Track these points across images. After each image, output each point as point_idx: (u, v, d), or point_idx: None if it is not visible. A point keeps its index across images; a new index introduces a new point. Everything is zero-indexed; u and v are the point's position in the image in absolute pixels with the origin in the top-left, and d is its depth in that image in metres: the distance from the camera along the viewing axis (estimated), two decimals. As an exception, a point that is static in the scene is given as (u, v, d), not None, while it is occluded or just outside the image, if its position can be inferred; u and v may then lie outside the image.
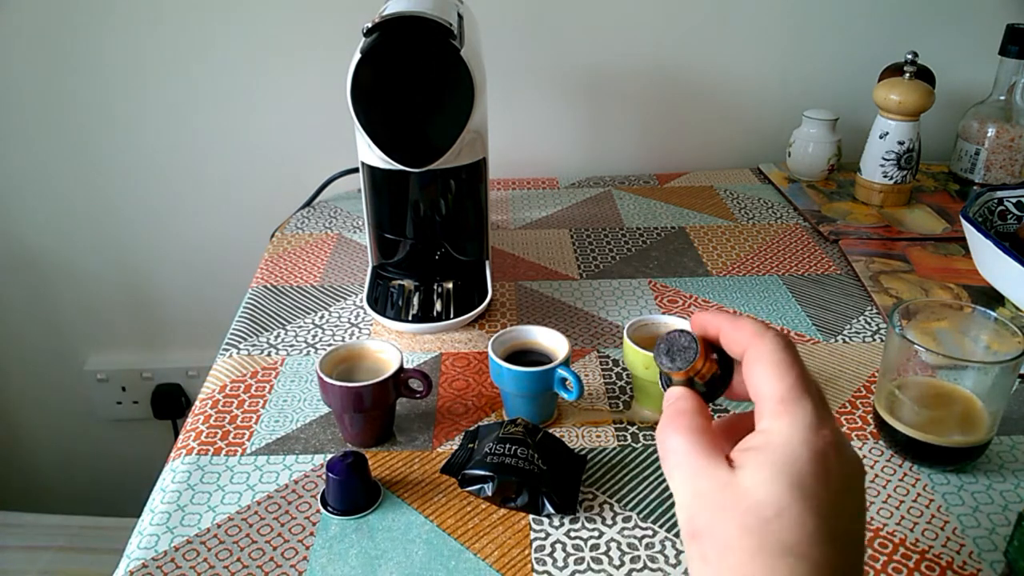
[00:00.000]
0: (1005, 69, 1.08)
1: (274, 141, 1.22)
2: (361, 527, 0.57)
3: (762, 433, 0.35)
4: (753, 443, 0.35)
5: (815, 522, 0.33)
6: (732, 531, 0.34)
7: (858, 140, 1.10)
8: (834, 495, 0.33)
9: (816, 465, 0.33)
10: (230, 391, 0.71)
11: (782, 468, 0.34)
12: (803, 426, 0.34)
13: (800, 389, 0.35)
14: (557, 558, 0.54)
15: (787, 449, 0.34)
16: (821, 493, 0.33)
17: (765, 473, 0.34)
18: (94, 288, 1.32)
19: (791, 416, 0.35)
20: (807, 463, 0.33)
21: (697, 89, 1.22)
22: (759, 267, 0.93)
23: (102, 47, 1.15)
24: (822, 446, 0.34)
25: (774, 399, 0.36)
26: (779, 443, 0.34)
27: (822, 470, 0.34)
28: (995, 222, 0.90)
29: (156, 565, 0.54)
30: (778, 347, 0.37)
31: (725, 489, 0.34)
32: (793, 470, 0.33)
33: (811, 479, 0.33)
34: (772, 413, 0.35)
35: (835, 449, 0.34)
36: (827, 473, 0.34)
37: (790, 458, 0.34)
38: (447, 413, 0.68)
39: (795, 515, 0.33)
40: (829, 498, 0.33)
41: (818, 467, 0.33)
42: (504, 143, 1.14)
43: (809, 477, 0.33)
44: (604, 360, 0.75)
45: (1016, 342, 0.58)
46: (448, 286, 0.81)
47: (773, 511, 0.33)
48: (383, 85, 0.66)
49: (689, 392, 0.40)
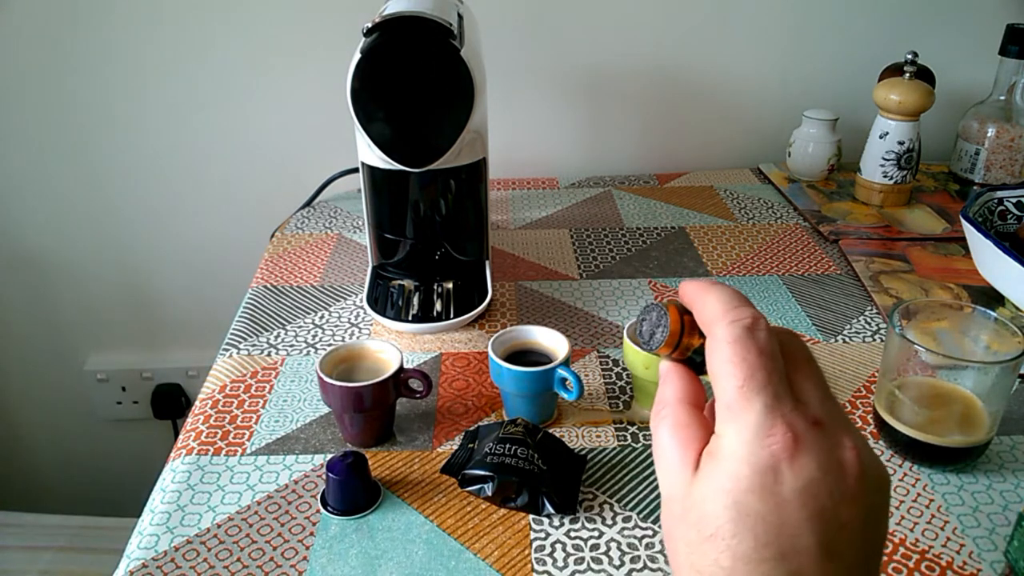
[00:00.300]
0: (1005, 69, 1.08)
1: (274, 141, 1.22)
2: (361, 527, 0.57)
3: (716, 438, 0.33)
4: (711, 447, 0.33)
5: (750, 544, 0.30)
6: (680, 545, 0.33)
7: (858, 140, 1.10)
8: (782, 512, 0.30)
9: (758, 480, 0.31)
10: (230, 391, 0.72)
11: (723, 483, 0.31)
12: (746, 438, 0.31)
13: (750, 389, 0.32)
14: (557, 558, 0.54)
15: (730, 463, 0.31)
16: (762, 511, 0.30)
17: (712, 486, 0.32)
18: (94, 288, 1.32)
19: (736, 424, 0.32)
20: (746, 479, 0.31)
21: (697, 89, 1.22)
22: (759, 267, 0.93)
23: (102, 47, 1.15)
24: (766, 457, 0.31)
25: (722, 403, 0.32)
26: (725, 455, 0.32)
27: (766, 484, 0.31)
28: (995, 222, 0.90)
29: (156, 565, 0.54)
30: (731, 337, 0.33)
31: (684, 499, 0.33)
32: (733, 487, 0.31)
33: (750, 496, 0.31)
34: (721, 419, 0.32)
35: (789, 457, 0.31)
36: (772, 488, 0.31)
37: (731, 474, 0.31)
38: (447, 413, 0.68)
39: (729, 536, 0.31)
40: (774, 517, 0.30)
41: (761, 481, 0.31)
42: (504, 143, 1.14)
43: (748, 495, 0.31)
44: (604, 360, 0.75)
45: (1016, 342, 0.58)
46: (448, 286, 0.81)
47: (710, 530, 0.31)
48: (383, 85, 0.66)
49: (674, 374, 0.37)
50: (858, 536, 0.31)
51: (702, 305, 0.35)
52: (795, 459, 0.31)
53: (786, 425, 0.31)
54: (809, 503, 0.31)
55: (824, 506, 0.31)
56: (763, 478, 0.31)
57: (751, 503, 0.31)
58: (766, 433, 0.31)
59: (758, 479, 0.31)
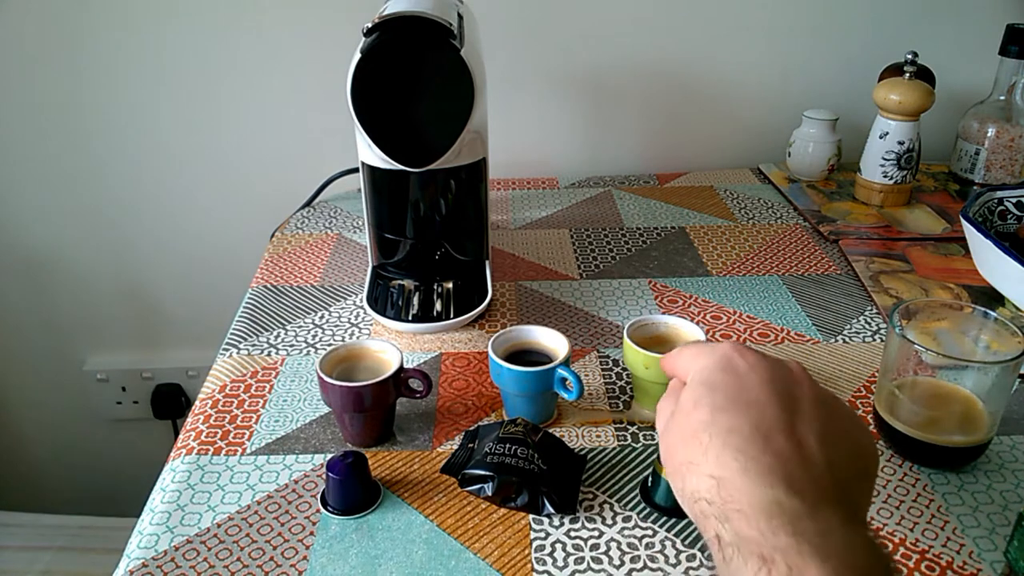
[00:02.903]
0: (1005, 69, 1.08)
1: (274, 141, 1.22)
2: (361, 527, 0.57)
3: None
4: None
5: (721, 398, 0.42)
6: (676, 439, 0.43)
7: (858, 140, 1.10)
8: (742, 380, 0.43)
9: (718, 364, 0.44)
10: (230, 391, 0.72)
11: (696, 378, 0.44)
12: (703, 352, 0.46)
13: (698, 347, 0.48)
14: (557, 558, 0.54)
15: (697, 368, 0.45)
16: (726, 379, 0.43)
17: (689, 387, 0.45)
18: (94, 288, 1.32)
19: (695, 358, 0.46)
20: (709, 368, 0.44)
21: (697, 89, 1.22)
22: (759, 267, 0.93)
23: (102, 48, 1.15)
24: (720, 354, 0.45)
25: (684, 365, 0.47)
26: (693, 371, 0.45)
27: (725, 366, 0.44)
28: (995, 222, 0.90)
29: (156, 565, 0.54)
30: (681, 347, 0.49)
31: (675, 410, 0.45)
32: (702, 376, 0.44)
33: (716, 374, 0.44)
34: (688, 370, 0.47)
35: (739, 352, 0.45)
36: (729, 367, 0.44)
37: (699, 370, 0.45)
38: (447, 413, 0.68)
39: (706, 398, 0.42)
40: (736, 382, 0.43)
41: (720, 364, 0.44)
42: (504, 143, 1.14)
43: (713, 373, 0.44)
44: (604, 360, 0.75)
45: (1016, 342, 0.58)
46: (448, 286, 0.81)
47: (691, 404, 0.43)
48: (383, 85, 0.66)
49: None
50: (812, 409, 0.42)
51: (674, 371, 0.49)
52: (744, 352, 0.45)
53: (730, 342, 0.48)
54: (763, 374, 0.43)
55: (774, 377, 0.43)
56: (721, 362, 0.44)
57: (717, 377, 0.43)
58: (716, 346, 0.46)
59: (718, 364, 0.44)
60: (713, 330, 0.80)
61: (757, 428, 0.40)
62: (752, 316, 0.82)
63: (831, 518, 0.37)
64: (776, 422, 0.40)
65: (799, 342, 0.78)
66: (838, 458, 0.40)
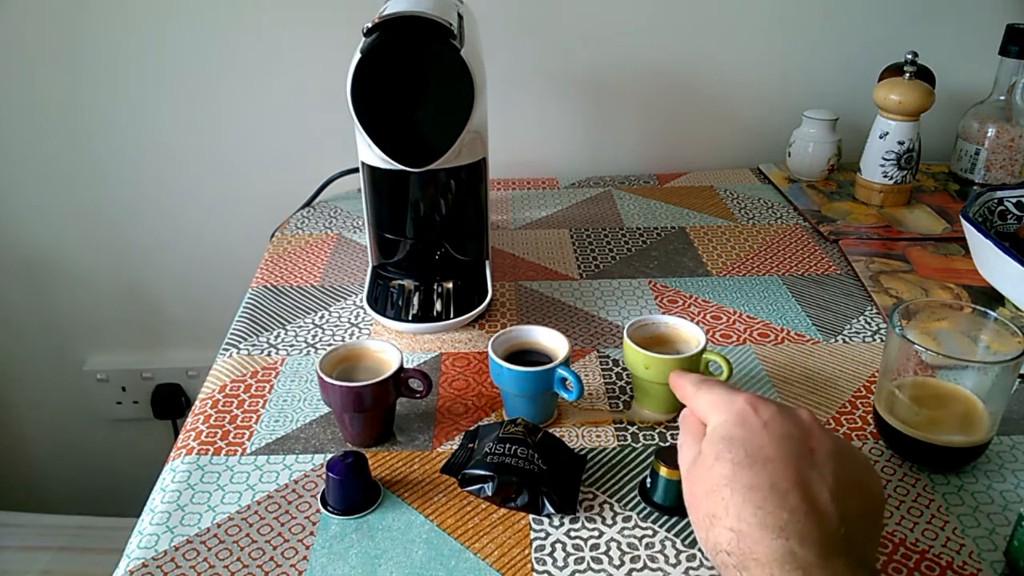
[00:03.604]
0: (1005, 69, 1.08)
1: (274, 141, 1.22)
2: (361, 527, 0.57)
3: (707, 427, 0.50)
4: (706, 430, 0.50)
5: (741, 454, 0.45)
6: (699, 491, 0.46)
7: (858, 140, 1.10)
8: (758, 436, 0.45)
9: (737, 419, 0.47)
10: (230, 391, 0.72)
11: (716, 431, 0.47)
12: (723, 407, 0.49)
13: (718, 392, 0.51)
14: (557, 558, 0.54)
15: (717, 423, 0.48)
16: (744, 435, 0.46)
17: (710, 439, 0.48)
18: (94, 288, 1.32)
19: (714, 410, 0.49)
20: (729, 422, 0.47)
21: (697, 89, 1.22)
22: (759, 267, 0.93)
23: (102, 48, 1.15)
24: (738, 408, 0.48)
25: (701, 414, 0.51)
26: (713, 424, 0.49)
27: (742, 421, 0.47)
28: (995, 222, 0.90)
29: (156, 565, 0.54)
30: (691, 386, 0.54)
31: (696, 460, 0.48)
32: (722, 431, 0.47)
33: (734, 429, 0.46)
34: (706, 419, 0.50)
35: (754, 407, 0.47)
36: (747, 422, 0.46)
37: (719, 424, 0.48)
38: (447, 413, 0.68)
39: (726, 453, 0.45)
40: (754, 438, 0.45)
41: (738, 419, 0.47)
42: (504, 143, 1.14)
43: (732, 428, 0.47)
44: (604, 360, 0.75)
45: (1016, 342, 0.58)
46: (448, 286, 0.81)
47: (713, 459, 0.46)
48: (383, 85, 0.66)
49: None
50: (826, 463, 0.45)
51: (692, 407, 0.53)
52: (759, 406, 0.48)
53: (746, 394, 0.49)
54: (776, 431, 0.46)
55: (789, 433, 0.46)
56: (739, 417, 0.47)
57: (735, 432, 0.46)
58: (733, 399, 0.49)
59: (737, 419, 0.47)
60: (713, 330, 0.80)
61: (774, 486, 0.43)
62: (752, 316, 0.82)
63: (842, 569, 0.40)
64: (792, 481, 0.43)
65: (799, 342, 0.78)
66: (850, 511, 0.43)
